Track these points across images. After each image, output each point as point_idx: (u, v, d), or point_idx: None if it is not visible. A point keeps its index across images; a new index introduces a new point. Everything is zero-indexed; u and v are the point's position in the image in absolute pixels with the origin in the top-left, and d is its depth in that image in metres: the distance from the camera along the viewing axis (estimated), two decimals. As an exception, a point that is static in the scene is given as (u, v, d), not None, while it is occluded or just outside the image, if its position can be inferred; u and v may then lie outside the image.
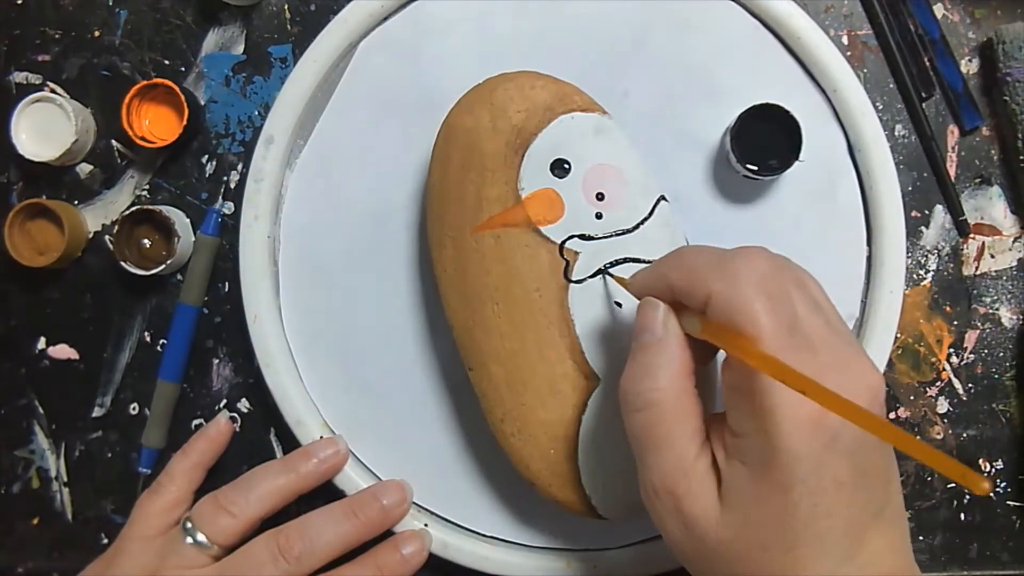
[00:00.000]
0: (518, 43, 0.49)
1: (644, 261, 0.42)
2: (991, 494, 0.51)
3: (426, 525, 0.48)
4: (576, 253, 0.42)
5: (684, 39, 0.49)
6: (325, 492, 0.48)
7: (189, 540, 0.44)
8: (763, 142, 0.46)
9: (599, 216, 0.42)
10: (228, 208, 0.52)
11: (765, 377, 0.31)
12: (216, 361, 0.52)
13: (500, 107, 0.42)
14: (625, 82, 0.49)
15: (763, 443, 0.32)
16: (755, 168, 0.46)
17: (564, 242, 0.42)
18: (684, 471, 0.34)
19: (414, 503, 0.49)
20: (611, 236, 0.42)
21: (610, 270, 0.42)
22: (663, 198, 0.43)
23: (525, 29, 0.49)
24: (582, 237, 0.42)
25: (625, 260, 0.42)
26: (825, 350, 0.33)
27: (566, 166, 0.42)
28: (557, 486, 0.43)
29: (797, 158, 0.46)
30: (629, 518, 0.43)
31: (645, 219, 0.43)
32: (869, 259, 0.49)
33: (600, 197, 0.42)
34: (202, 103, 0.52)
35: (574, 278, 0.42)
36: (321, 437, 0.49)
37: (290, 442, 0.50)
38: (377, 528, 0.47)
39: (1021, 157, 0.49)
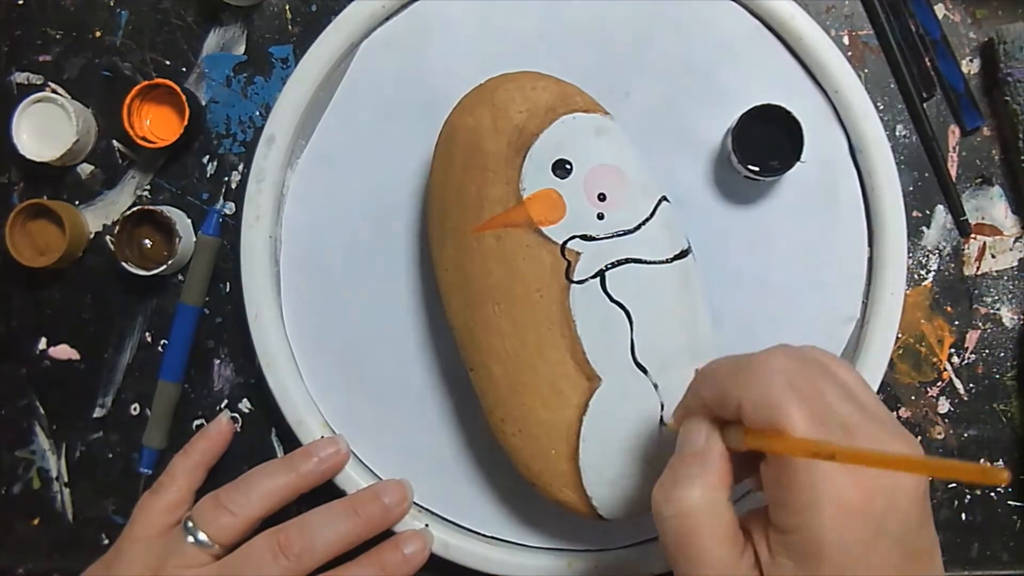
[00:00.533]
0: (520, 43, 0.49)
1: (645, 261, 0.42)
2: (992, 494, 0.51)
3: (427, 525, 0.48)
4: (578, 253, 0.42)
5: (686, 40, 0.49)
6: (325, 491, 0.48)
7: (190, 539, 0.44)
8: (764, 143, 0.46)
9: (601, 216, 0.42)
10: (229, 208, 0.52)
11: (806, 472, 0.31)
12: (217, 361, 0.52)
13: (502, 107, 0.42)
14: (627, 83, 0.49)
15: (809, 537, 0.31)
16: (756, 169, 0.46)
17: (566, 242, 0.42)
18: (730, 573, 0.33)
19: (415, 503, 0.49)
20: (613, 236, 0.42)
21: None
22: (664, 199, 0.44)
23: (527, 29, 0.49)
24: (584, 237, 0.42)
25: (627, 261, 0.42)
26: (861, 435, 0.33)
27: (568, 166, 0.42)
28: (558, 487, 0.43)
29: (798, 159, 0.46)
30: (630, 518, 0.43)
31: (647, 220, 0.43)
32: (870, 259, 0.49)
33: (602, 198, 0.42)
34: (203, 103, 0.52)
35: (576, 278, 0.42)
36: (322, 437, 0.48)
37: (292, 442, 0.50)
38: (378, 527, 0.47)
39: (1022, 157, 0.49)
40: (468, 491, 0.49)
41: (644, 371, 0.42)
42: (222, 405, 0.52)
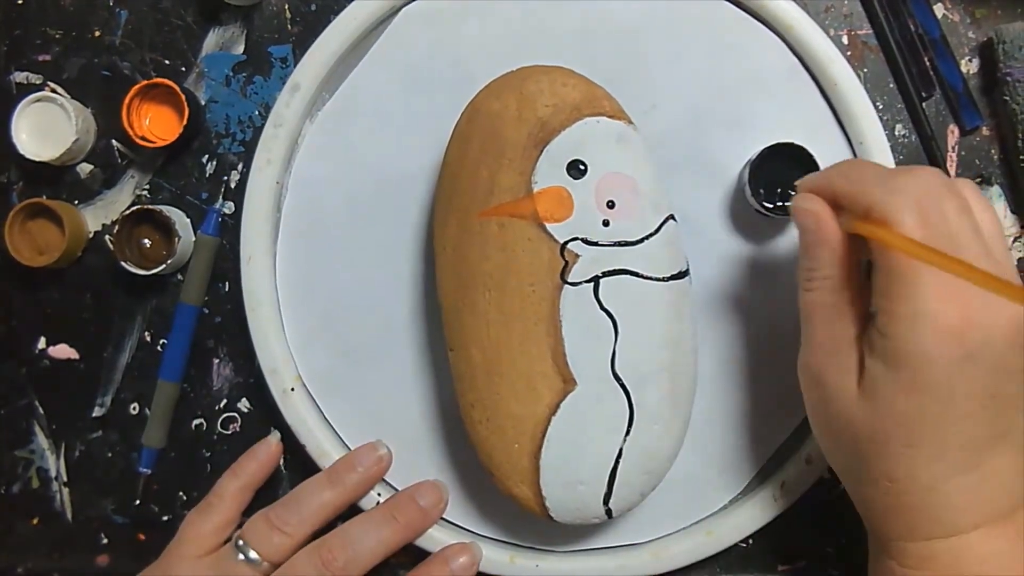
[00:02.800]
0: (557, 38, 0.49)
1: (642, 276, 0.42)
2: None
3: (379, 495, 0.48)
4: (577, 256, 0.42)
5: (722, 65, 0.49)
6: (302, 467, 0.48)
7: (241, 557, 0.45)
8: (781, 180, 0.46)
9: (606, 223, 0.42)
10: (228, 208, 0.52)
11: (912, 284, 0.34)
12: (216, 361, 0.52)
13: (529, 98, 0.42)
14: (655, 95, 0.49)
15: (904, 347, 0.34)
16: (769, 205, 0.46)
17: (567, 243, 0.42)
18: (833, 351, 0.37)
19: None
20: (614, 245, 0.42)
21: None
22: (672, 217, 0.43)
23: (566, 25, 0.49)
24: (585, 241, 0.42)
25: (624, 272, 0.42)
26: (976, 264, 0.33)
27: (583, 168, 0.42)
28: (515, 481, 0.43)
29: None
30: (578, 523, 0.44)
31: (651, 235, 0.42)
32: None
33: (611, 205, 0.42)
34: (202, 103, 0.52)
35: (570, 280, 0.42)
36: (344, 448, 0.48)
37: (291, 443, 0.50)
38: (417, 530, 0.47)
39: (1021, 157, 0.49)
40: (426, 468, 0.49)
41: (621, 383, 0.42)
42: (221, 404, 0.52)
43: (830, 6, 0.51)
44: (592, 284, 0.42)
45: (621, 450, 0.42)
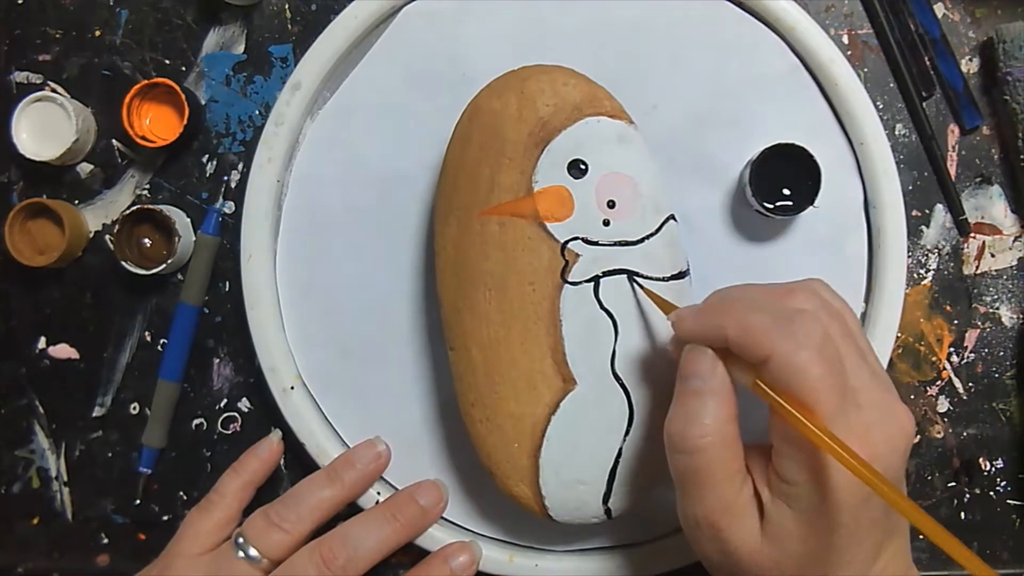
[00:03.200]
0: (558, 37, 0.49)
1: (641, 275, 0.42)
2: (991, 493, 0.51)
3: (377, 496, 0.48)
4: (577, 255, 0.42)
5: (722, 64, 0.49)
6: (302, 466, 0.48)
7: (241, 555, 0.45)
8: (782, 181, 0.46)
9: (606, 223, 0.42)
10: (229, 207, 0.52)
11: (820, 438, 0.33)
12: (217, 361, 0.52)
13: (530, 97, 0.42)
14: (656, 96, 0.49)
15: (815, 494, 0.34)
16: (769, 206, 0.46)
17: (567, 242, 0.42)
18: (726, 507, 0.36)
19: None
20: (614, 245, 0.42)
21: (643, 289, 0.42)
22: (672, 217, 0.43)
23: (567, 25, 0.49)
24: (586, 241, 0.42)
25: (623, 272, 0.42)
26: (870, 406, 0.35)
27: (583, 167, 0.42)
28: (514, 480, 0.43)
29: (812, 203, 0.46)
30: (577, 523, 0.44)
31: (651, 235, 0.42)
32: (870, 258, 0.49)
33: (611, 205, 0.42)
34: (203, 103, 0.52)
35: (571, 279, 0.42)
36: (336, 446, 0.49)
37: (291, 442, 0.50)
38: (418, 529, 0.47)
39: (1021, 156, 0.49)
40: (426, 467, 0.49)
41: (621, 383, 0.42)
42: (221, 404, 0.52)
43: (830, 6, 0.51)
44: (592, 284, 0.42)
45: (621, 450, 0.42)
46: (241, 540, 0.45)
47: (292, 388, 0.49)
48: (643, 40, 0.49)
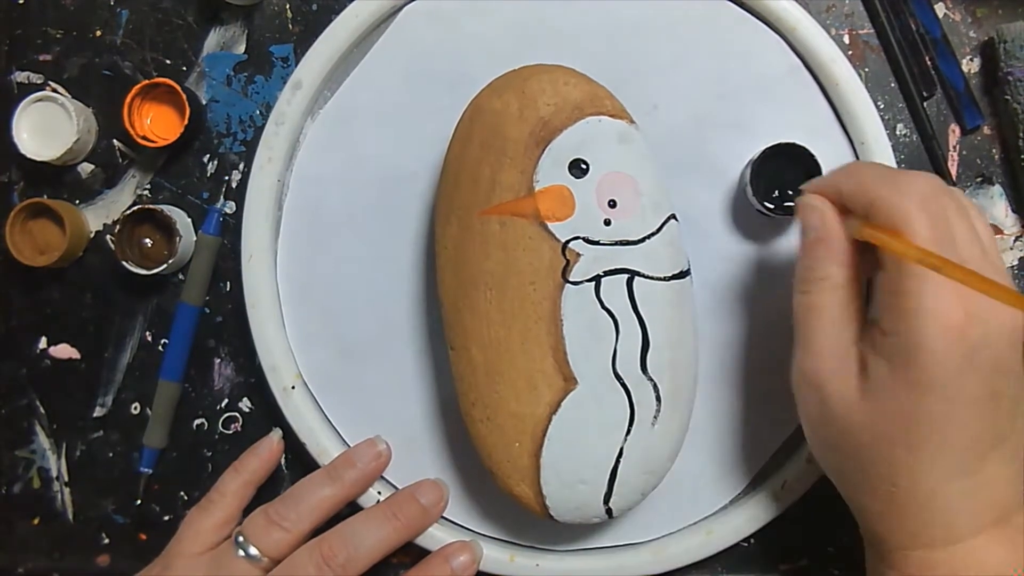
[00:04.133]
0: (559, 37, 0.49)
1: (643, 275, 0.42)
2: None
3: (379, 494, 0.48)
4: (578, 255, 0.42)
5: (723, 64, 0.49)
6: (303, 465, 0.48)
7: (241, 553, 0.45)
8: (782, 181, 0.46)
9: (607, 223, 0.42)
10: (229, 207, 0.52)
11: (917, 281, 0.34)
12: (217, 361, 0.52)
13: (531, 97, 0.42)
14: (657, 96, 0.49)
15: (908, 342, 0.35)
16: (770, 206, 0.46)
17: (568, 242, 0.42)
18: (833, 354, 0.37)
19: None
20: (615, 244, 0.42)
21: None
22: (673, 217, 0.43)
23: (568, 25, 0.49)
24: (587, 240, 0.42)
25: (624, 271, 0.42)
26: (976, 268, 0.34)
27: (584, 167, 0.42)
28: (515, 480, 0.43)
29: None
30: (578, 523, 0.44)
31: (652, 234, 0.42)
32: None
33: (612, 204, 0.42)
34: (203, 102, 0.52)
35: (572, 279, 0.42)
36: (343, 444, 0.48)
37: (292, 441, 0.50)
38: (418, 528, 0.47)
39: (1022, 156, 0.49)
40: (427, 467, 0.49)
41: (622, 382, 0.42)
42: (222, 404, 0.52)
43: (831, 6, 0.51)
44: (593, 283, 0.42)
45: (622, 449, 0.42)
46: (241, 539, 0.45)
47: (293, 387, 0.49)
48: (644, 40, 0.49)
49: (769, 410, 0.49)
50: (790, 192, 0.46)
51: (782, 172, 0.46)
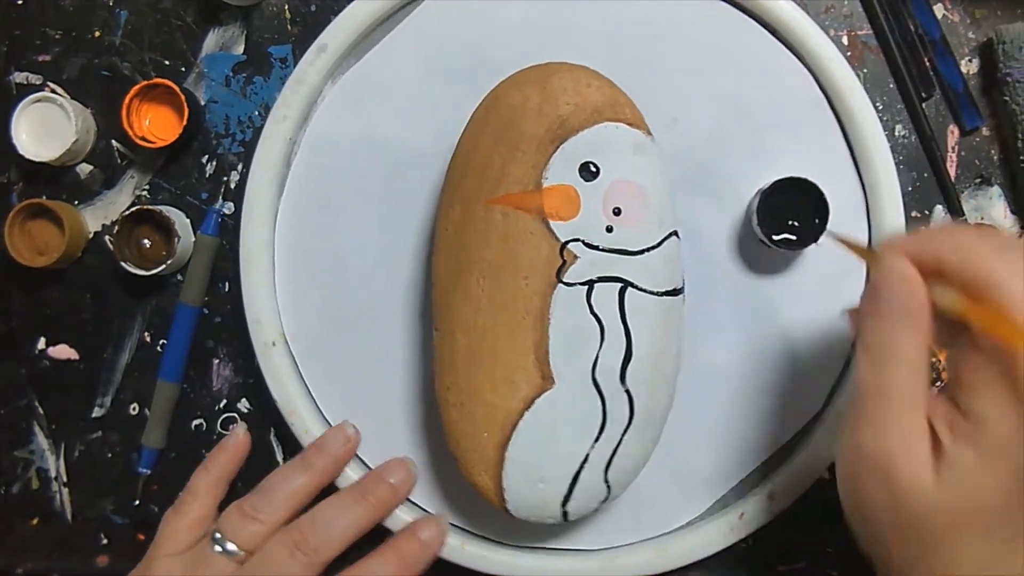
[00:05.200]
0: (587, 38, 0.49)
1: (636, 287, 0.42)
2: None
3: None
4: (575, 257, 0.42)
5: (748, 90, 0.49)
6: (285, 441, 0.48)
7: (218, 549, 0.45)
8: (789, 214, 0.46)
9: (609, 229, 0.42)
10: (228, 208, 0.52)
11: (1016, 368, 0.32)
12: (216, 361, 0.52)
13: (551, 94, 0.42)
14: (677, 109, 0.49)
15: (1005, 431, 0.32)
16: (775, 238, 0.46)
17: (568, 242, 0.42)
18: (903, 434, 0.34)
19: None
20: (614, 252, 0.42)
21: (836, 236, 0.40)
22: (675, 234, 0.43)
23: (598, 27, 0.49)
24: (587, 244, 0.42)
25: (618, 280, 0.42)
26: None
27: (594, 170, 0.42)
28: (478, 469, 0.43)
29: (816, 241, 0.46)
30: (533, 520, 0.44)
31: (652, 247, 0.42)
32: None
33: (617, 212, 0.42)
34: (202, 103, 0.52)
35: (565, 280, 0.42)
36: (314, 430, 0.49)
37: (291, 442, 0.50)
38: (388, 507, 0.47)
39: (1021, 157, 0.49)
40: (396, 444, 0.50)
41: (599, 389, 0.42)
42: (221, 405, 0.52)
43: (830, 6, 0.51)
44: (586, 287, 0.42)
45: (588, 455, 0.42)
46: (219, 535, 0.45)
47: (274, 344, 0.49)
48: (672, 53, 0.49)
49: (740, 440, 0.49)
50: (794, 225, 0.46)
51: (790, 206, 0.46)
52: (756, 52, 0.49)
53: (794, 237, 0.46)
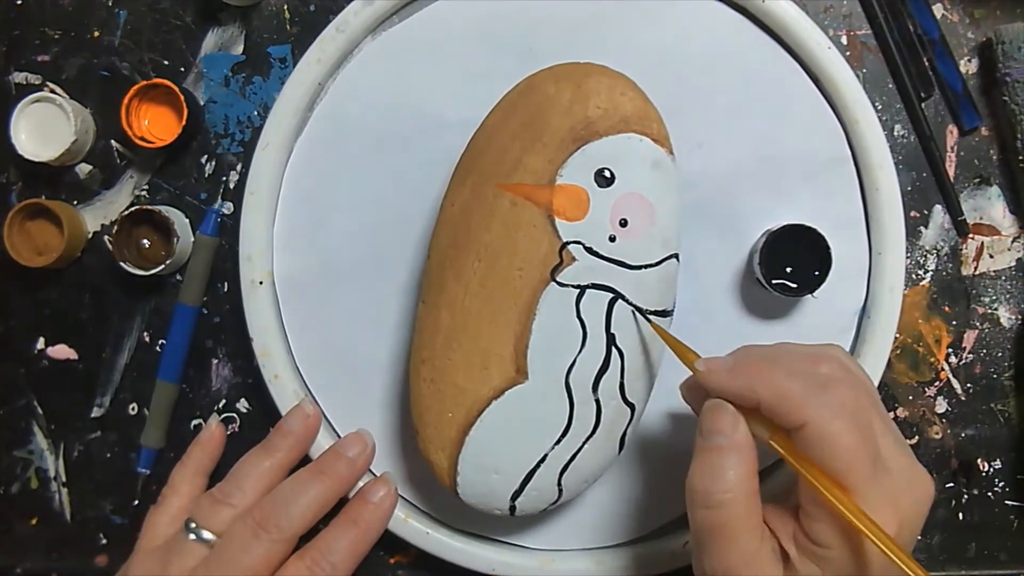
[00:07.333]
0: (632, 48, 0.49)
1: (627, 300, 0.42)
2: (989, 494, 0.51)
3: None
4: (573, 259, 0.42)
5: (779, 132, 0.49)
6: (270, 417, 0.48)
7: (192, 537, 0.45)
8: (791, 261, 0.46)
9: (612, 239, 0.42)
10: (227, 208, 0.52)
11: (853, 498, 0.34)
12: (215, 361, 0.52)
13: (585, 94, 0.42)
14: (704, 135, 0.49)
15: (848, 561, 0.35)
16: (772, 281, 0.46)
17: (569, 243, 0.42)
18: (749, 560, 0.36)
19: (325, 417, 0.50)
20: (612, 263, 0.42)
21: (660, 331, 0.42)
22: (676, 257, 0.43)
23: (647, 41, 0.49)
24: (587, 249, 0.42)
25: (610, 290, 0.42)
26: (898, 471, 0.36)
27: (609, 177, 0.42)
28: (436, 446, 0.43)
29: (812, 293, 0.46)
30: (479, 508, 0.44)
31: (650, 265, 0.42)
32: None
33: (623, 223, 0.42)
34: (201, 103, 0.52)
35: (559, 279, 0.42)
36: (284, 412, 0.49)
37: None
38: (348, 481, 0.48)
39: (1020, 157, 0.49)
40: (363, 406, 0.50)
41: (570, 393, 0.42)
42: (220, 405, 0.52)
43: (829, 6, 0.51)
44: (578, 291, 0.42)
45: (546, 455, 0.42)
46: (193, 524, 0.45)
47: (260, 283, 0.49)
48: (713, 83, 0.49)
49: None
50: (793, 273, 0.46)
51: (794, 253, 0.46)
52: (795, 99, 0.49)
53: (793, 284, 0.46)
